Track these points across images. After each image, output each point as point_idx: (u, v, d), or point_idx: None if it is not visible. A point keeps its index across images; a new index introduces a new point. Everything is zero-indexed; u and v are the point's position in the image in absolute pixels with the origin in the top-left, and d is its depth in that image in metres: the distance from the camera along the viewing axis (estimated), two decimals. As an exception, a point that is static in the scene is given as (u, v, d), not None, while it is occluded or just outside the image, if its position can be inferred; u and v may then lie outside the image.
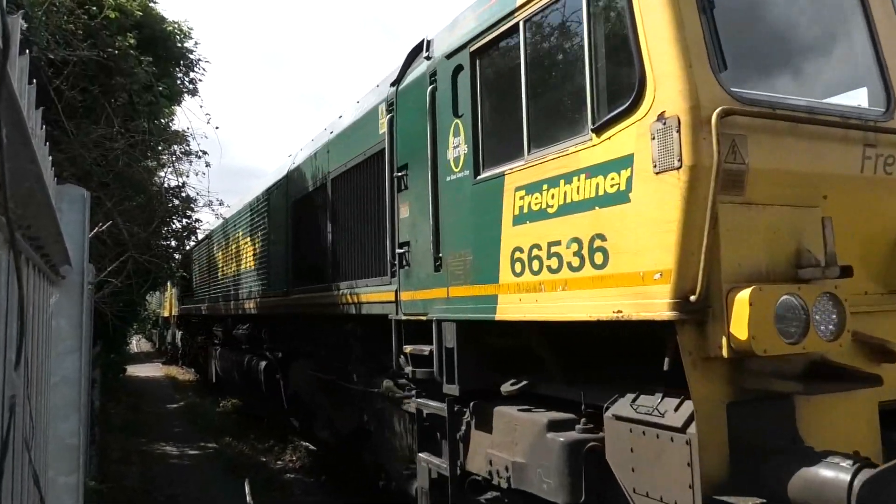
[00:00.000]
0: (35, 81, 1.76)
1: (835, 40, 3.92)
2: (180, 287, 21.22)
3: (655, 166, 3.12)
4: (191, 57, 10.80)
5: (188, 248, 14.75)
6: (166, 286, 22.52)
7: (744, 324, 2.90)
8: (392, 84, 5.93)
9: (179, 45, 10.50)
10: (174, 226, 12.14)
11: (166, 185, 11.34)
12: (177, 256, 13.60)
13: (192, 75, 10.92)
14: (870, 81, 3.80)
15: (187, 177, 11.99)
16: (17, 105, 1.21)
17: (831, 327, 3.09)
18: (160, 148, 10.68)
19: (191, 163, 11.72)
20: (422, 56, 5.44)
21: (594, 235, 3.44)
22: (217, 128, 22.20)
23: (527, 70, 4.07)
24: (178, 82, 10.65)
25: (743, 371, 3.11)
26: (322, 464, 9.88)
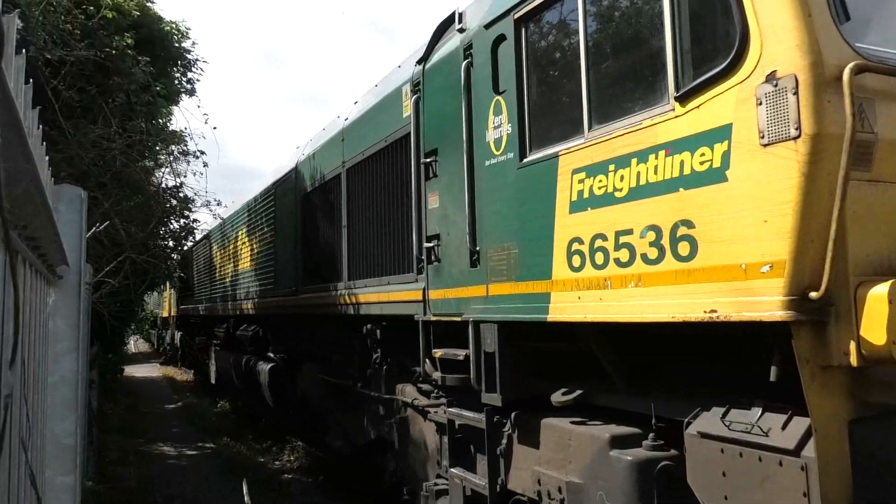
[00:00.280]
0: (32, 81, 1.76)
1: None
2: (179, 287, 20.91)
3: (763, 137, 2.64)
4: (188, 57, 10.83)
5: (186, 247, 14.69)
6: (165, 286, 22.35)
7: (881, 326, 2.42)
8: (418, 62, 5.40)
9: (177, 44, 10.52)
10: (172, 226, 12.16)
11: (164, 185, 11.35)
12: (175, 257, 13.55)
13: (189, 75, 10.96)
14: None
15: (185, 177, 12.00)
16: (13, 104, 1.21)
17: None
18: (158, 148, 10.70)
19: (188, 163, 11.74)
20: (453, 29, 4.94)
21: (678, 222, 2.95)
22: (215, 128, 22.29)
23: (586, 34, 3.56)
24: (176, 82, 10.68)
25: (867, 382, 2.64)
26: (320, 464, 9.89)
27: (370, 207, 6.41)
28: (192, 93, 11.04)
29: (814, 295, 2.51)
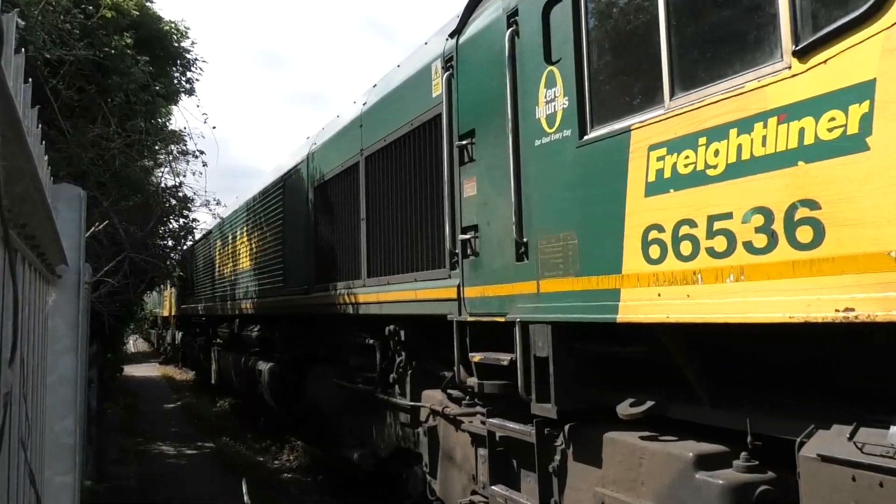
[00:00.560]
0: (31, 80, 1.76)
1: None
2: (180, 286, 20.55)
3: None
4: (188, 56, 10.81)
5: (186, 246, 14.62)
6: (165, 285, 22.17)
7: None
8: (450, 36, 4.92)
9: (176, 44, 10.50)
10: (171, 226, 12.16)
11: (163, 184, 11.35)
12: (174, 256, 13.53)
13: (188, 75, 10.93)
14: None
15: (184, 176, 12.01)
16: (12, 103, 1.21)
17: None
18: (157, 147, 10.68)
19: (188, 162, 11.73)
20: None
21: (796, 203, 2.50)
22: (214, 127, 22.27)
23: None
24: (175, 82, 10.65)
25: None
26: (319, 464, 9.89)
27: (393, 198, 5.90)
28: (191, 92, 11.03)
29: None
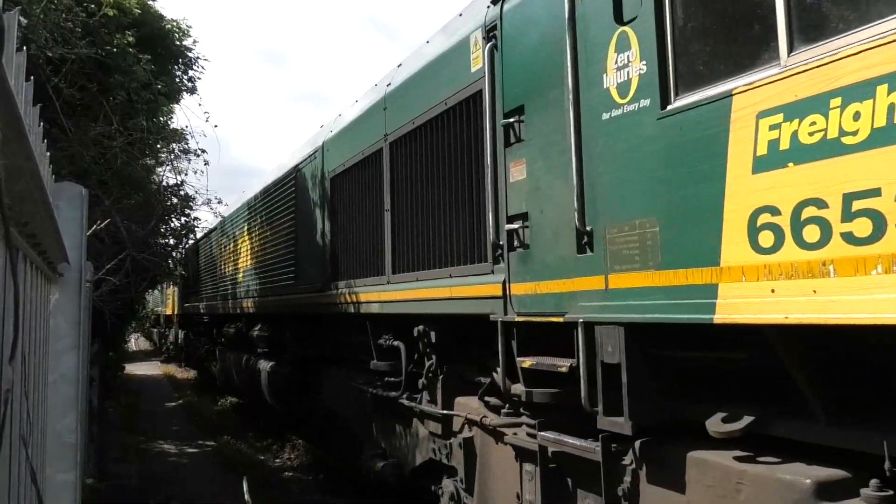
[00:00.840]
0: (32, 79, 1.76)
1: None
2: (183, 285, 20.07)
3: None
4: (189, 55, 10.83)
5: (188, 245, 14.58)
6: (168, 284, 21.96)
7: None
8: (492, 2, 4.48)
9: (178, 42, 10.52)
10: (173, 224, 12.17)
11: (165, 183, 11.37)
12: (175, 255, 13.53)
13: (190, 73, 10.97)
14: None
15: (186, 175, 12.02)
16: (13, 101, 1.21)
17: None
18: (159, 146, 10.70)
19: (189, 161, 11.75)
20: None
21: None
22: (216, 126, 22.17)
23: None
24: (177, 80, 10.68)
25: None
26: (320, 463, 9.90)
27: (423, 186, 5.40)
28: (192, 91, 11.05)
29: None
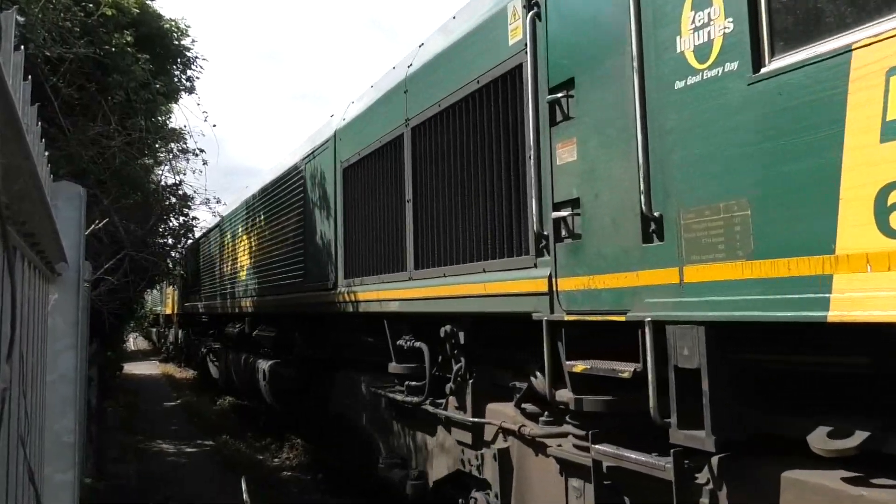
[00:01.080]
0: (31, 78, 1.76)
1: None
2: (182, 284, 19.80)
3: None
4: (188, 54, 10.82)
5: (187, 244, 14.53)
6: (167, 283, 21.77)
7: None
8: None
9: (176, 42, 10.50)
10: (171, 224, 12.16)
11: (163, 182, 11.35)
12: (174, 254, 13.51)
13: (189, 73, 10.93)
14: None
15: (184, 175, 11.99)
16: (11, 101, 1.21)
17: None
18: (157, 145, 10.68)
19: (188, 160, 11.72)
20: None
21: None
22: (214, 126, 22.19)
23: None
24: (176, 80, 10.66)
25: None
26: (319, 462, 9.89)
27: (450, 174, 4.99)
28: (191, 90, 11.04)
29: None
